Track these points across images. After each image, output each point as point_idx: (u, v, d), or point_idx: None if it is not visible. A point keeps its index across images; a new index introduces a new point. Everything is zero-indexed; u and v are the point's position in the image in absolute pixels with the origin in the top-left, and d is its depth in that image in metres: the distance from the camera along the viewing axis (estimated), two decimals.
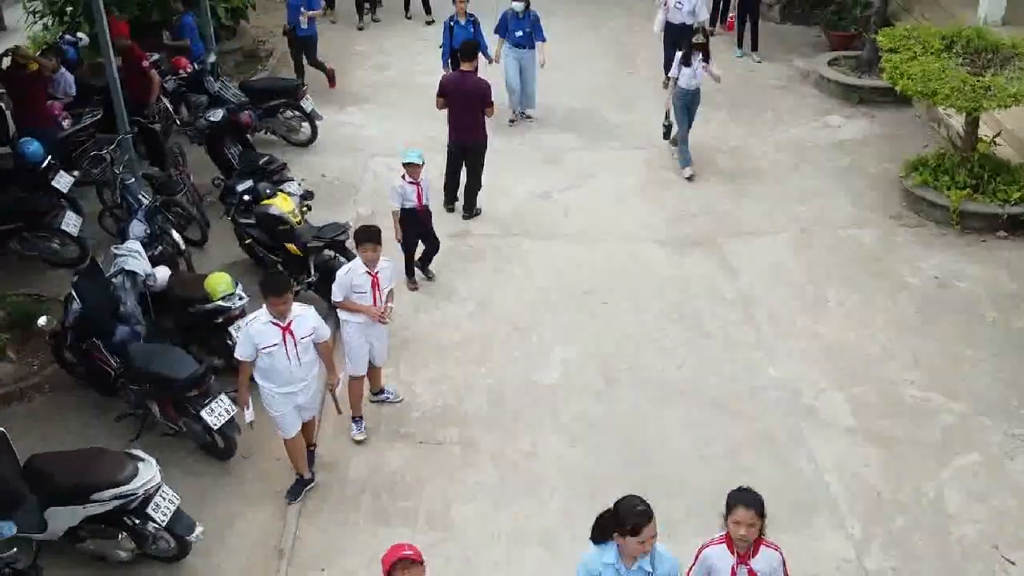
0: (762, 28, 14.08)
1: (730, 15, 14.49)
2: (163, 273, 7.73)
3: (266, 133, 11.66)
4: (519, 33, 11.60)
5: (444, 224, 9.95)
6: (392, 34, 15.25)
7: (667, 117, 11.00)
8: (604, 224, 9.97)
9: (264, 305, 6.09)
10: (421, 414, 7.46)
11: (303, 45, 12.69)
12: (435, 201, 9.49)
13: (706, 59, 10.51)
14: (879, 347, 8.06)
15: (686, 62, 10.46)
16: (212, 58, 11.32)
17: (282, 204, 8.27)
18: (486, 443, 7.15)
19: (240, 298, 7.22)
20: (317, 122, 11.54)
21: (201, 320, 7.29)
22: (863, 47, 13.04)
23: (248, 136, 10.55)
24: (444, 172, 10.11)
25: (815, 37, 14.73)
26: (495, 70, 11.85)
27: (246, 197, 8.43)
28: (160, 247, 8.03)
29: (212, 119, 9.79)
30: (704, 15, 12.47)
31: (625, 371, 7.84)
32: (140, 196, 8.76)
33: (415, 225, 8.60)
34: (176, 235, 8.65)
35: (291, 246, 8.18)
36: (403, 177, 8.39)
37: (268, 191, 8.39)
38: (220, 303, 7.16)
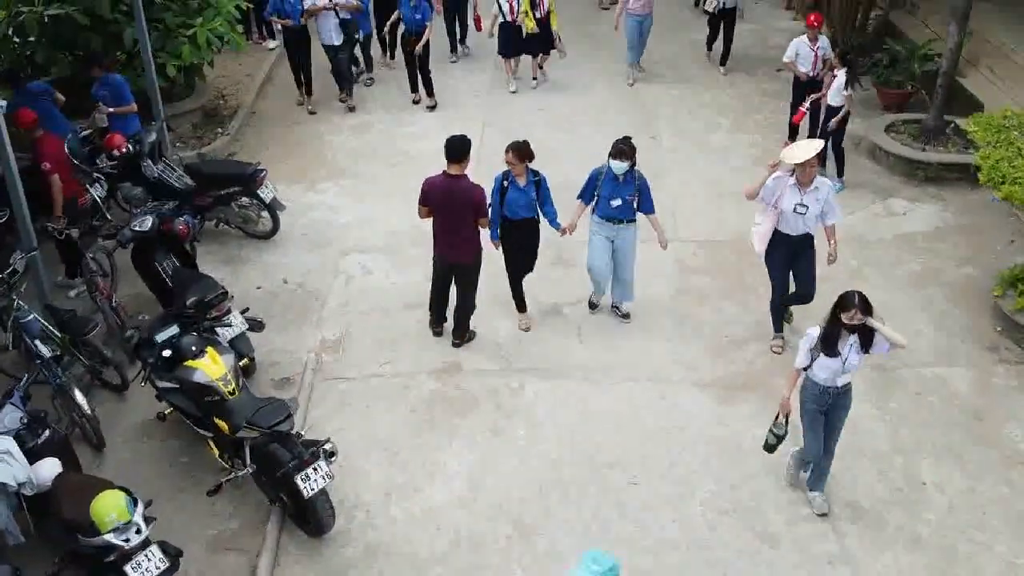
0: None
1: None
2: (47, 471, 5.71)
3: (218, 225, 9.61)
4: (616, 202, 7.72)
5: (428, 354, 7.93)
6: (374, 88, 13.18)
7: (778, 426, 6.31)
8: (628, 356, 7.91)
9: None
10: None
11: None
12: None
13: (866, 345, 5.93)
14: (1000, 566, 6.01)
15: (829, 349, 5.89)
16: (152, 136, 9.24)
17: (211, 367, 6.20)
18: None
19: (138, 530, 5.16)
20: (279, 212, 9.47)
21: (88, 555, 5.25)
22: (920, 101, 11.10)
23: (191, 244, 8.51)
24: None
25: (863, 91, 12.64)
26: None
27: (166, 353, 6.37)
28: (46, 433, 5.96)
29: (138, 229, 7.72)
30: (838, 218, 7.67)
31: None
32: (38, 345, 6.73)
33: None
34: (79, 397, 6.61)
35: (222, 423, 6.13)
36: None
37: (194, 348, 6.31)
38: (109, 538, 5.11)
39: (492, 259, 8.46)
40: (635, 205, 7.83)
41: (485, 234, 7.78)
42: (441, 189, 7.48)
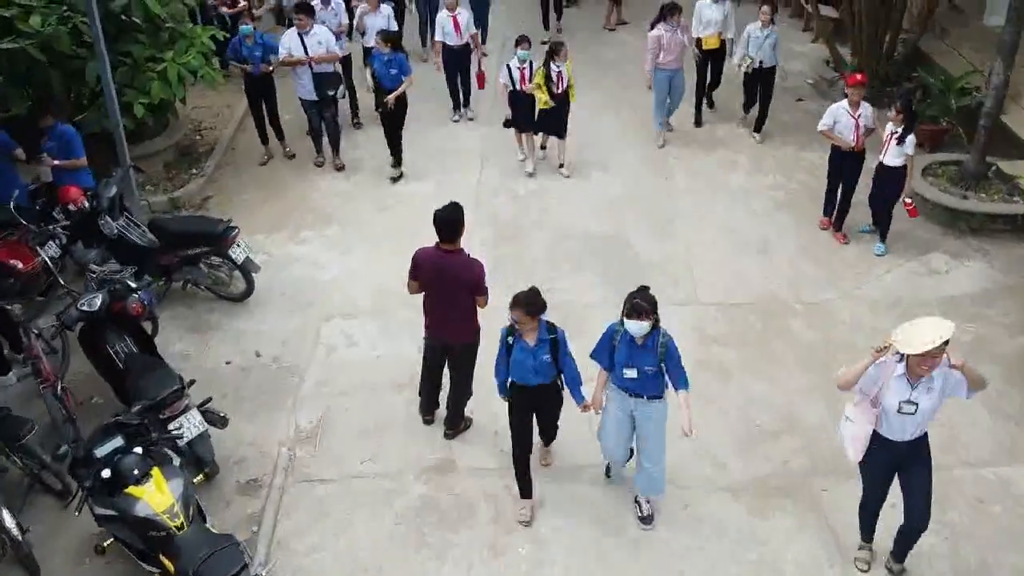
0: (825, 109, 11.04)
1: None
2: None
3: (186, 286, 8.61)
4: (631, 373, 5.84)
5: (418, 447, 6.96)
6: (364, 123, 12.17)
7: None
8: None
9: None
10: None
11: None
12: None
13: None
14: None
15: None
16: (111, 190, 8.23)
17: (156, 497, 5.21)
18: None
19: None
20: (254, 273, 8.47)
21: None
22: (956, 138, 10.14)
23: (147, 323, 7.51)
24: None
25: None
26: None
27: (105, 474, 5.36)
28: None
29: (85, 309, 6.72)
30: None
31: None
32: None
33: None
34: (7, 518, 5.61)
35: (168, 563, 5.13)
36: None
37: (137, 471, 5.31)
38: None
39: (491, 334, 7.49)
40: (662, 377, 5.88)
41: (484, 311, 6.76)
42: (433, 263, 6.48)
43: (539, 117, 10.37)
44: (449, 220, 6.28)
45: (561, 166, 10.72)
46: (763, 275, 8.85)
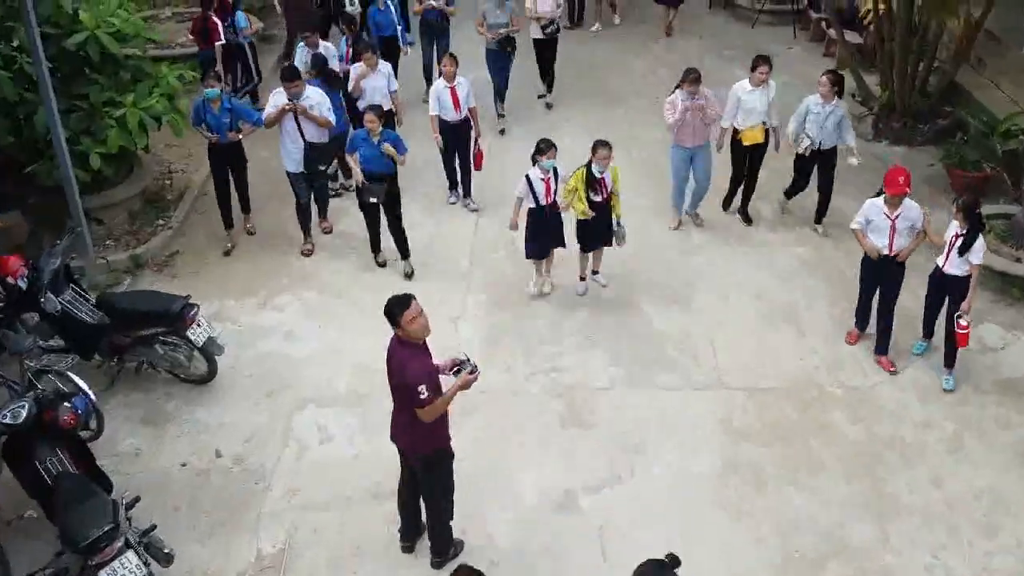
0: (854, 149, 10.09)
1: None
2: None
3: (140, 369, 7.55)
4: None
5: None
6: None
7: None
8: None
9: None
10: None
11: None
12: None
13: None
14: None
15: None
16: (54, 263, 7.14)
17: None
18: None
19: None
20: (218, 355, 7.42)
21: None
22: (999, 184, 9.13)
23: (95, 416, 6.48)
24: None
25: (927, 167, 10.60)
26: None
27: None
28: None
29: (9, 421, 5.66)
30: None
31: None
32: None
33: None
34: None
35: None
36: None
37: None
38: None
39: (485, 445, 6.49)
40: None
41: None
42: (389, 353, 5.46)
43: (580, 230, 8.24)
44: (391, 305, 5.33)
45: (596, 272, 8.62)
46: (795, 351, 7.79)
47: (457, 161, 9.79)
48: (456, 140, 9.61)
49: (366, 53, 9.56)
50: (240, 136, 8.82)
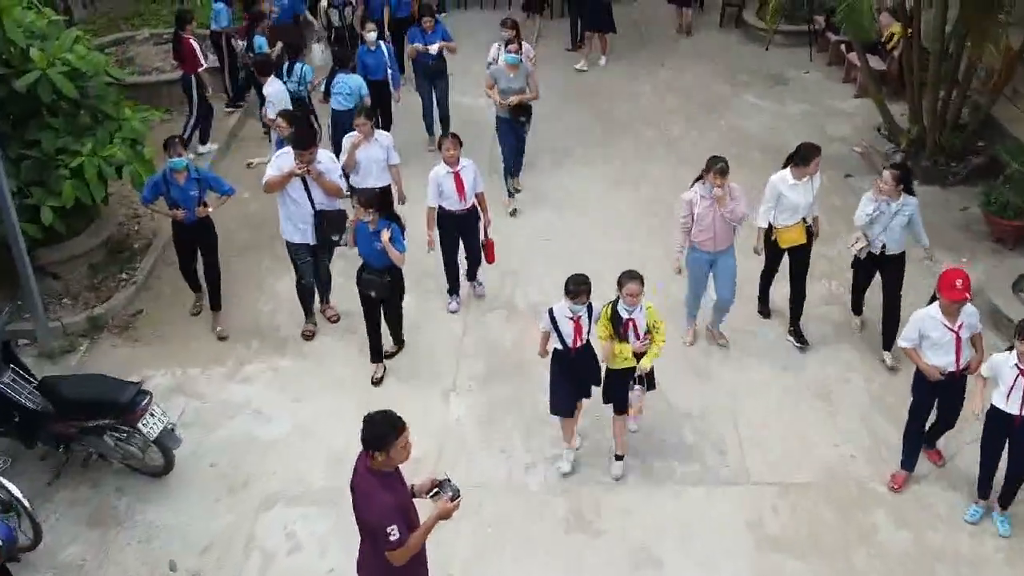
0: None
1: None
2: None
3: (88, 462, 6.64)
4: None
5: None
6: None
7: None
8: None
9: None
10: None
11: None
12: None
13: None
14: None
15: None
16: None
17: None
18: None
19: None
20: (174, 448, 6.50)
21: None
22: None
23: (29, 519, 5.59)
24: None
25: (960, 210, 9.69)
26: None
27: None
28: None
29: None
30: None
31: None
32: None
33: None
34: None
35: None
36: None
37: None
38: None
39: (477, 560, 5.59)
40: None
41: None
42: (354, 480, 4.55)
43: (607, 383, 6.37)
44: (372, 425, 4.37)
45: (620, 458, 6.61)
46: (829, 435, 6.86)
47: (462, 253, 8.16)
48: (462, 230, 7.96)
49: (359, 119, 8.11)
50: (210, 210, 7.64)
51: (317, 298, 8.12)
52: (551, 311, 6.12)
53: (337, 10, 11.74)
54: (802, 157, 7.16)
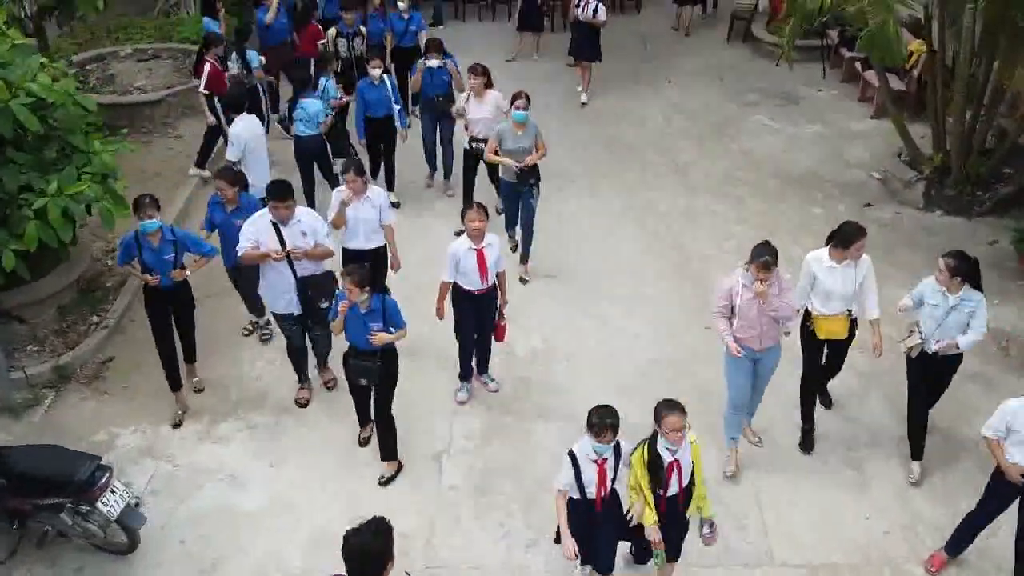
0: (903, 218, 8.59)
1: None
2: None
3: (44, 541, 5.99)
4: None
5: None
6: None
7: None
8: None
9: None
10: None
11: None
12: None
13: None
14: None
15: None
16: None
17: None
18: None
19: None
20: (138, 527, 5.87)
21: None
22: None
23: None
24: None
25: (989, 244, 9.07)
26: None
27: None
28: None
29: None
30: None
31: None
32: None
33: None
34: None
35: None
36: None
37: None
38: None
39: None
40: None
41: None
42: None
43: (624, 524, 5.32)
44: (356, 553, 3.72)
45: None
46: (860, 512, 6.21)
47: (476, 340, 7.15)
48: (478, 312, 6.91)
49: (348, 174, 7.04)
50: (187, 274, 6.81)
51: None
52: (572, 455, 5.01)
53: (345, 39, 10.72)
54: (843, 238, 6.11)
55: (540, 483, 6.46)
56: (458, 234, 6.93)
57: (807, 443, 6.72)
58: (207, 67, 9.78)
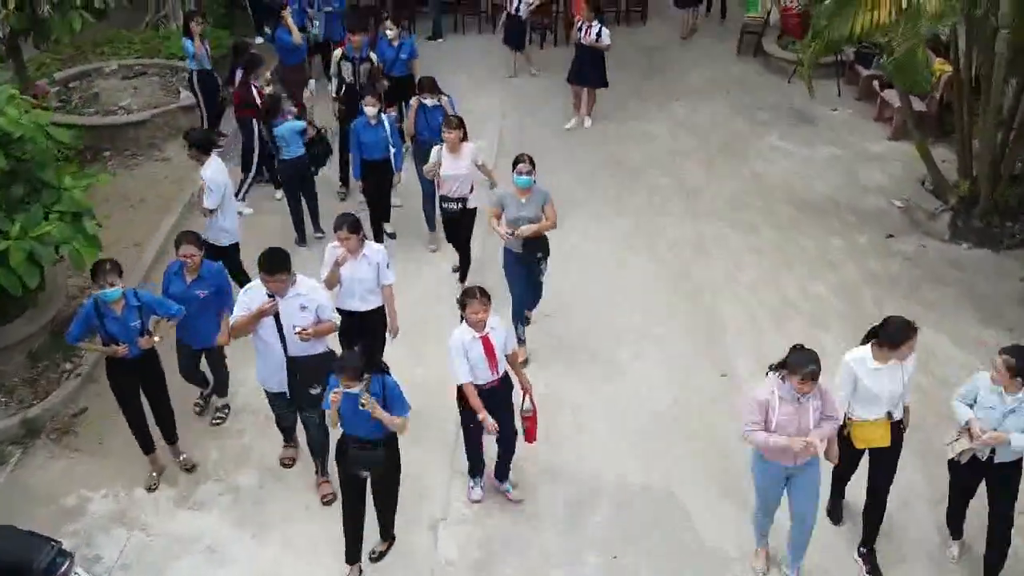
0: (928, 251, 8.05)
1: None
2: None
3: None
4: None
5: None
6: None
7: None
8: None
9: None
10: None
11: None
12: None
13: None
14: None
15: None
16: None
17: None
18: None
19: None
20: None
21: None
22: None
23: None
24: None
25: (1020, 280, 8.52)
26: None
27: None
28: None
29: None
30: None
31: None
32: None
33: None
34: None
35: None
36: None
37: None
38: None
39: None
40: None
41: None
42: None
43: None
44: None
45: None
46: None
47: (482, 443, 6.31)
48: (494, 407, 5.90)
49: (341, 231, 6.32)
50: (155, 340, 6.15)
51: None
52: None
53: (351, 64, 9.64)
54: (890, 337, 5.22)
55: (545, 555, 5.93)
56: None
57: (833, 510, 6.13)
58: (255, 95, 9.13)
